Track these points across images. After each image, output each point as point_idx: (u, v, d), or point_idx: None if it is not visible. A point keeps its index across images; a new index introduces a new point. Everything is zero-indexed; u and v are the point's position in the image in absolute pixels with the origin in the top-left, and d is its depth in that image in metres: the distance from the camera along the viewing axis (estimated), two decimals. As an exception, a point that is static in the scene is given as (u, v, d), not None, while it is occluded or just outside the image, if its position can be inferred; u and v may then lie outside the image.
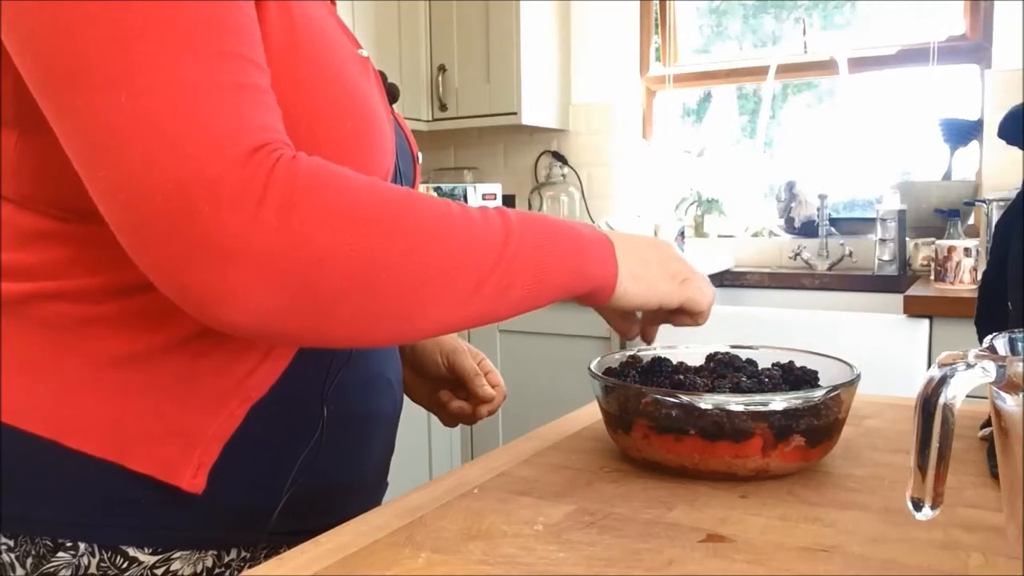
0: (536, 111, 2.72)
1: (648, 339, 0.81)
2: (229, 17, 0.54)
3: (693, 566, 0.53)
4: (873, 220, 2.38)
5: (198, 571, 0.65)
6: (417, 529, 0.59)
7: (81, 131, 0.52)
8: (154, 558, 0.63)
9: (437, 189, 2.67)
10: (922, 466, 0.43)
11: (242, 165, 0.50)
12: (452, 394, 0.91)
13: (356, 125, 0.65)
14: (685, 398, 0.66)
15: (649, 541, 0.56)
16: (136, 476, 0.62)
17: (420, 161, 0.86)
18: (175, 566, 0.64)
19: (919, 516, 0.44)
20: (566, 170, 2.90)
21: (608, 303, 0.68)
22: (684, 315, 0.74)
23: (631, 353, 0.83)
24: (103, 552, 0.62)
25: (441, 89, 2.75)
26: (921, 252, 2.32)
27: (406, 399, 0.91)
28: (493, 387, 0.90)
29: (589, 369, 0.76)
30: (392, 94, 0.80)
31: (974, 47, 2.44)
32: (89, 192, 0.53)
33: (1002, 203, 1.99)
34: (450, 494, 0.66)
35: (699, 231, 2.82)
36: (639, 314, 0.80)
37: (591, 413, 0.89)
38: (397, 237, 0.54)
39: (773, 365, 0.77)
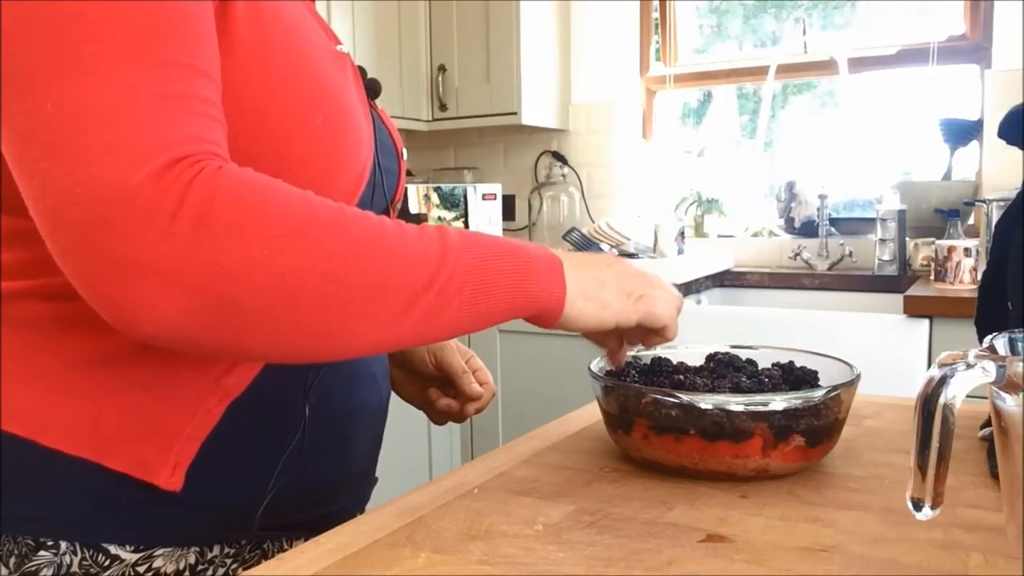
0: (536, 111, 2.72)
1: (615, 362, 0.77)
2: (171, 23, 0.53)
3: (693, 566, 0.53)
4: (873, 220, 2.38)
5: (181, 568, 0.65)
6: (417, 529, 0.59)
7: (12, 136, 0.51)
8: (136, 555, 0.64)
9: (437, 189, 2.67)
10: (922, 466, 0.43)
11: (158, 177, 0.49)
12: (441, 392, 0.91)
13: (328, 121, 0.65)
14: (685, 398, 0.66)
15: (649, 541, 0.56)
16: (114, 474, 0.62)
17: (405, 157, 0.86)
18: (157, 563, 0.64)
19: (919, 516, 0.44)
20: (566, 170, 2.90)
21: (558, 324, 0.66)
22: (650, 333, 0.72)
23: (631, 353, 0.83)
24: (85, 550, 0.62)
25: (441, 89, 2.75)
26: (921, 252, 2.32)
27: (396, 398, 0.91)
28: (481, 385, 0.90)
29: (589, 369, 0.76)
30: (373, 89, 0.80)
31: (974, 47, 2.44)
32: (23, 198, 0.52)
33: (1002, 203, 1.99)
34: (450, 494, 0.66)
35: (699, 231, 2.82)
36: None
37: (591, 413, 0.89)
38: (318, 254, 0.53)
39: (773, 365, 0.77)
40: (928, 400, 0.42)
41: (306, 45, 0.66)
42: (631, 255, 2.46)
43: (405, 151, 0.85)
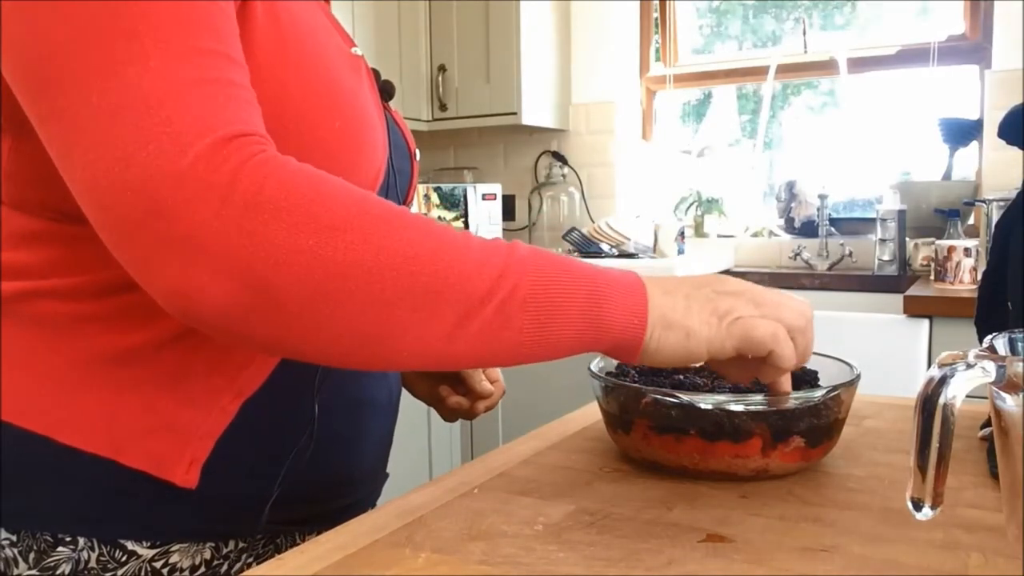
0: (536, 111, 2.72)
1: (776, 396, 0.66)
2: (204, 14, 0.53)
3: (693, 566, 0.53)
4: (873, 220, 2.38)
5: (197, 563, 0.66)
6: (417, 529, 0.59)
7: (58, 133, 0.52)
8: (152, 551, 0.64)
9: (437, 189, 2.67)
10: (922, 466, 0.43)
11: (209, 157, 0.50)
12: (451, 389, 0.91)
13: (344, 124, 0.65)
14: (685, 398, 0.66)
15: (649, 541, 0.56)
16: (130, 472, 0.62)
17: (418, 158, 0.86)
18: (174, 559, 0.65)
19: (919, 516, 0.44)
20: (566, 170, 2.90)
21: (639, 359, 0.59)
22: (762, 363, 0.62)
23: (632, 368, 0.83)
24: (102, 546, 0.63)
25: (441, 89, 2.75)
26: (921, 252, 2.32)
27: (406, 395, 0.91)
28: (492, 383, 0.90)
29: (589, 369, 0.76)
30: (387, 91, 0.80)
31: (974, 47, 2.44)
32: (72, 193, 0.53)
33: (1002, 203, 1.99)
34: (450, 494, 0.66)
35: (699, 231, 2.82)
36: None
37: (591, 413, 0.89)
38: (368, 250, 0.51)
39: (773, 365, 0.77)
40: (928, 400, 0.42)
41: (322, 48, 0.66)
42: (631, 255, 2.46)
43: (418, 152, 0.86)
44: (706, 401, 0.66)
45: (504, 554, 0.55)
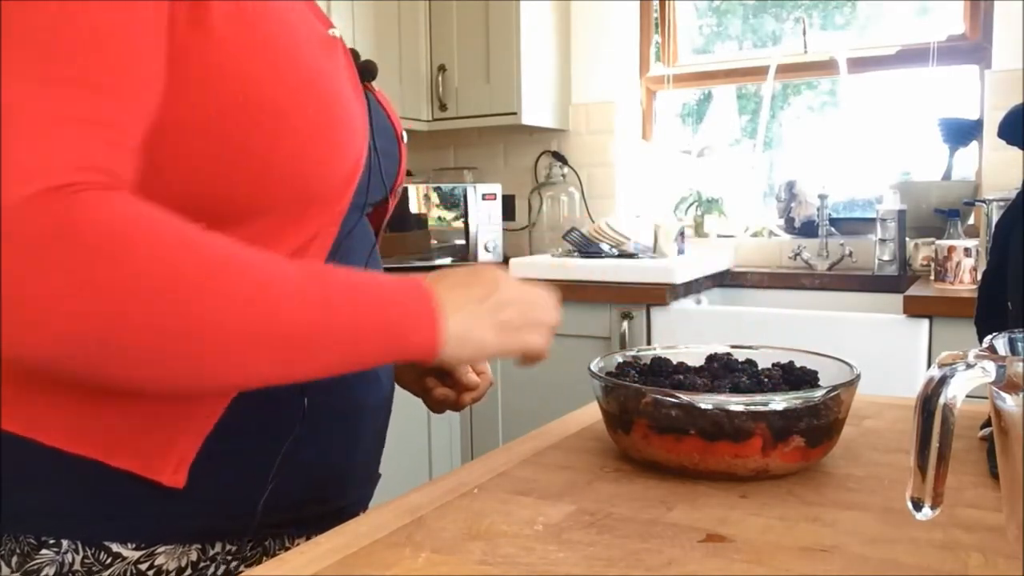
0: (536, 111, 2.72)
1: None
2: (73, 38, 0.51)
3: (693, 566, 0.53)
4: (873, 220, 2.38)
5: (183, 565, 0.65)
6: (417, 529, 0.59)
7: None
8: (138, 553, 0.64)
9: (437, 189, 2.67)
10: (922, 466, 0.43)
11: (29, 204, 0.48)
12: (438, 380, 0.90)
13: (318, 109, 0.64)
14: (685, 398, 0.66)
15: (649, 541, 0.56)
16: (117, 473, 0.62)
17: (406, 140, 0.84)
18: (159, 560, 0.64)
19: (919, 516, 0.44)
20: (566, 170, 2.90)
21: (433, 364, 0.69)
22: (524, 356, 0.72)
23: (631, 353, 0.83)
24: (87, 548, 0.62)
25: (441, 89, 2.75)
26: (921, 252, 2.32)
27: (406, 395, 0.91)
28: (479, 374, 0.89)
29: (589, 369, 0.76)
30: (369, 71, 0.78)
31: (974, 47, 2.44)
32: None
33: (1002, 203, 1.99)
34: (450, 494, 0.66)
35: (699, 231, 2.82)
36: None
37: (591, 413, 0.89)
38: (180, 311, 0.51)
39: (773, 365, 0.77)
40: (928, 400, 0.42)
41: (292, 32, 0.64)
42: (631, 255, 2.46)
43: (405, 134, 0.85)
44: (706, 401, 0.66)
45: (504, 554, 0.55)
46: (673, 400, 0.67)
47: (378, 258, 0.81)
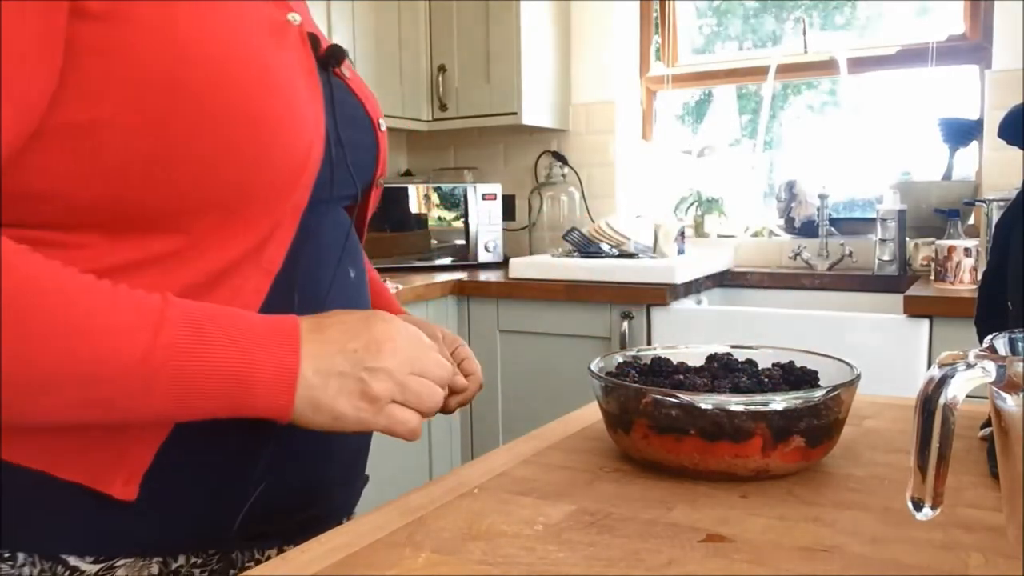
0: (536, 111, 2.72)
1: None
2: None
3: (693, 566, 0.53)
4: (873, 220, 2.38)
5: None
6: (417, 529, 0.59)
7: None
8: (96, 567, 0.62)
9: (437, 189, 2.67)
10: (922, 466, 0.43)
11: None
12: None
13: (256, 104, 0.60)
14: (685, 398, 0.66)
15: (649, 541, 0.56)
16: (68, 485, 0.60)
17: (383, 128, 0.79)
18: (119, 574, 0.63)
19: (919, 516, 0.44)
20: (566, 170, 2.90)
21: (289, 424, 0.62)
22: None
23: (632, 353, 0.83)
24: (43, 563, 0.61)
25: (441, 89, 2.75)
26: (921, 252, 2.32)
27: None
28: (467, 375, 0.84)
29: (589, 369, 0.76)
30: (335, 56, 0.73)
31: (974, 47, 2.44)
32: None
33: (1002, 203, 1.99)
34: (450, 494, 0.66)
35: (699, 231, 2.82)
36: None
37: (591, 413, 0.89)
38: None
39: (773, 365, 0.77)
40: (928, 400, 0.42)
41: (226, 22, 0.60)
42: (631, 255, 2.46)
43: (382, 121, 0.80)
44: (706, 401, 0.66)
45: (504, 554, 0.55)
46: (673, 400, 0.67)
47: (356, 252, 0.78)
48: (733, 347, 0.84)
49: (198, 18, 0.59)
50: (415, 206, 2.64)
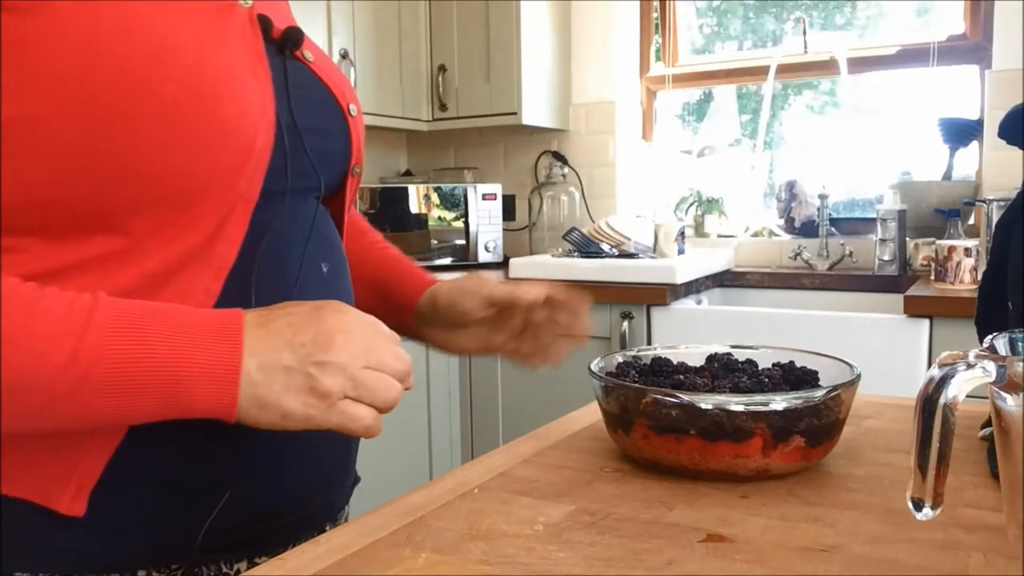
0: (536, 111, 2.72)
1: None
2: None
3: (693, 566, 0.53)
4: (873, 220, 2.38)
5: None
6: (417, 529, 0.59)
7: None
8: None
9: (437, 189, 2.67)
10: (922, 466, 0.43)
11: None
12: (494, 334, 0.83)
13: (184, 88, 0.57)
14: (685, 398, 0.66)
15: (649, 541, 0.56)
16: (15, 501, 0.58)
17: (353, 113, 0.74)
18: None
19: (919, 516, 0.44)
20: (566, 170, 2.90)
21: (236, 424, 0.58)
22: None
23: (632, 353, 0.83)
24: None
25: (441, 89, 2.75)
26: (921, 252, 2.32)
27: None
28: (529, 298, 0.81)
29: (589, 369, 0.76)
30: (292, 39, 0.69)
31: (974, 47, 2.44)
32: None
33: (1002, 203, 1.99)
34: (450, 494, 0.66)
35: (699, 231, 2.82)
36: None
37: (591, 413, 0.89)
38: None
39: (773, 365, 0.77)
40: (928, 400, 0.42)
41: (151, 5, 0.57)
42: (631, 255, 2.46)
43: (352, 107, 0.75)
44: (706, 401, 0.66)
45: (504, 554, 0.55)
46: (673, 400, 0.67)
47: (330, 245, 0.73)
48: (733, 347, 0.84)
49: (123, 5, 0.56)
50: (415, 206, 2.64)
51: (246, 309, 0.59)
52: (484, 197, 2.68)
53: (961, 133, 2.43)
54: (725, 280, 2.57)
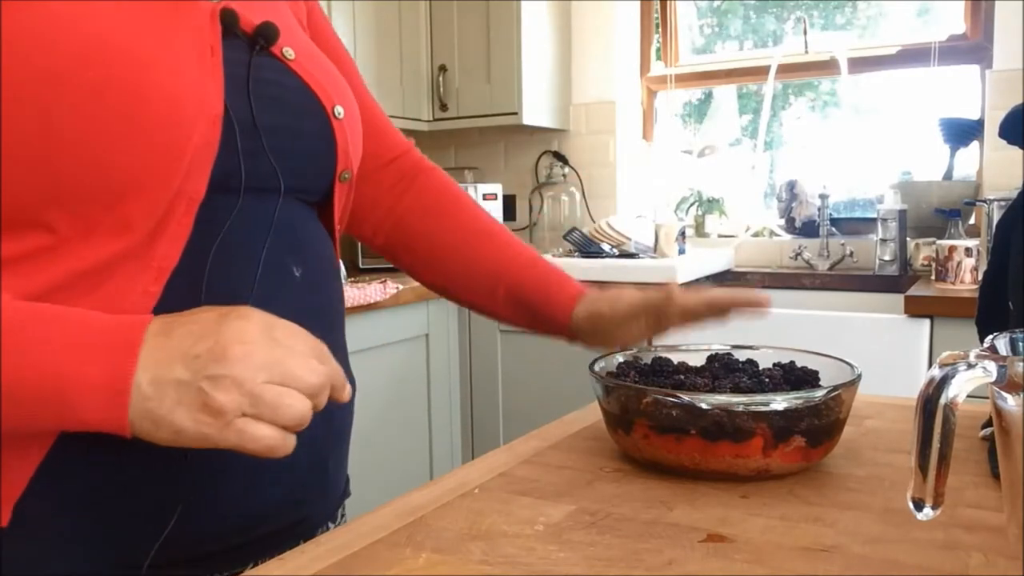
0: (536, 111, 2.72)
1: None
2: None
3: (693, 566, 0.53)
4: (874, 220, 2.38)
5: None
6: (417, 529, 0.59)
7: None
8: None
9: (437, 189, 2.66)
10: (923, 466, 0.43)
11: None
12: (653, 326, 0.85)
13: (101, 81, 0.54)
14: (686, 398, 0.66)
15: (649, 541, 0.56)
16: None
17: (341, 116, 0.70)
18: None
19: (920, 516, 0.44)
20: (566, 170, 2.90)
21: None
22: None
23: (632, 353, 0.83)
24: None
25: (441, 89, 2.75)
26: (922, 252, 2.32)
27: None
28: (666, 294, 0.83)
29: (590, 369, 0.76)
30: (264, 35, 0.65)
31: (974, 47, 2.44)
32: None
33: (1003, 203, 1.99)
34: (450, 494, 0.66)
35: (700, 231, 2.82)
36: None
37: (591, 413, 0.89)
38: None
39: (774, 365, 0.77)
40: (929, 400, 0.42)
41: (96, 3, 0.55)
42: (632, 255, 2.46)
43: (339, 108, 0.70)
44: (707, 401, 0.66)
45: (504, 554, 0.55)
46: (674, 400, 0.67)
47: (304, 248, 0.69)
48: (734, 347, 0.84)
49: (59, 5, 0.54)
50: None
51: (158, 315, 0.56)
52: (485, 197, 2.68)
53: (962, 133, 2.43)
54: (725, 280, 2.57)
